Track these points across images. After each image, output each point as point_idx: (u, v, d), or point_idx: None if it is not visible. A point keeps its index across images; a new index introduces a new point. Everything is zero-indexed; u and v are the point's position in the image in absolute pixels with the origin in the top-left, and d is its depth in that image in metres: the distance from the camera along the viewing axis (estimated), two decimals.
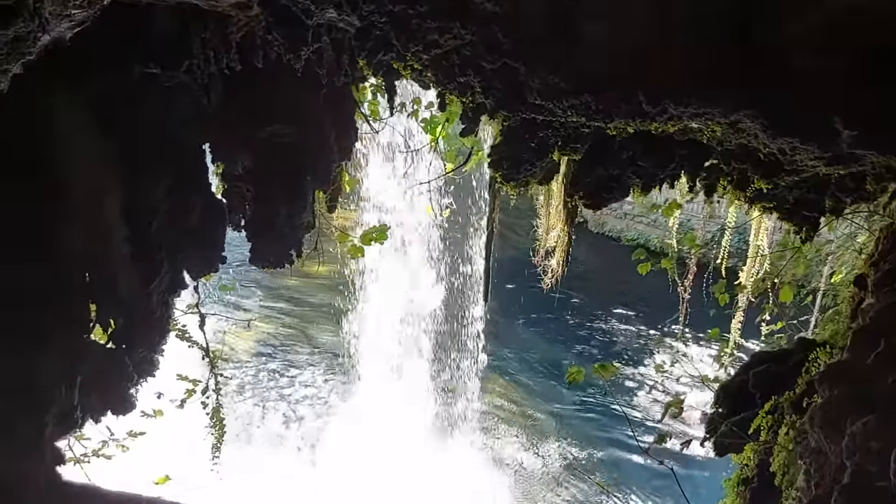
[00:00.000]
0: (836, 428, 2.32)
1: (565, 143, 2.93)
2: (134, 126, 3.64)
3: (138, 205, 3.93)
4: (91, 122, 3.43)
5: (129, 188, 3.80)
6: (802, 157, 2.47)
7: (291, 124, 4.28)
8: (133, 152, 3.71)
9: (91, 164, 3.53)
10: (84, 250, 3.71)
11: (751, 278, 6.97)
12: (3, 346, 3.42)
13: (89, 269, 3.82)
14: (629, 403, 13.37)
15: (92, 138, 3.47)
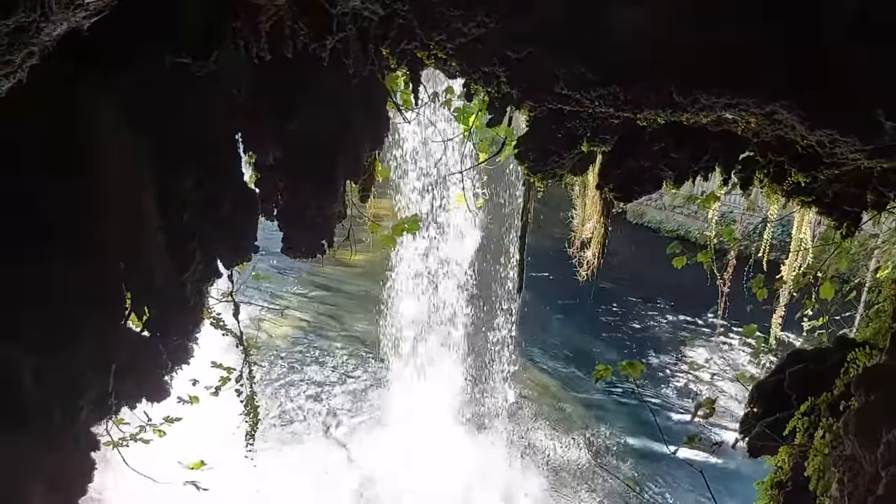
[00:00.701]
0: (871, 436, 2.22)
1: (594, 134, 2.85)
2: (165, 117, 3.66)
3: (171, 196, 3.96)
4: (122, 115, 3.46)
5: (162, 179, 3.83)
6: (842, 150, 2.36)
7: (321, 115, 4.27)
8: (165, 144, 3.74)
9: (124, 156, 3.56)
10: (118, 241, 3.75)
11: (792, 272, 6.79)
12: (40, 333, 3.48)
13: (124, 258, 3.86)
14: (662, 399, 13.20)
15: (124, 131, 3.50)
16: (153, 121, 3.65)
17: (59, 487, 3.53)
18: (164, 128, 3.73)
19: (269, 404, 11.91)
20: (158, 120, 3.69)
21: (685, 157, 2.97)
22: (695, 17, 2.09)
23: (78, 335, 3.68)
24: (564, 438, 12.01)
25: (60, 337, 3.59)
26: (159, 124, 3.70)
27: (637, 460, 11.46)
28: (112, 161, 3.55)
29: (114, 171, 3.60)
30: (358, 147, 4.59)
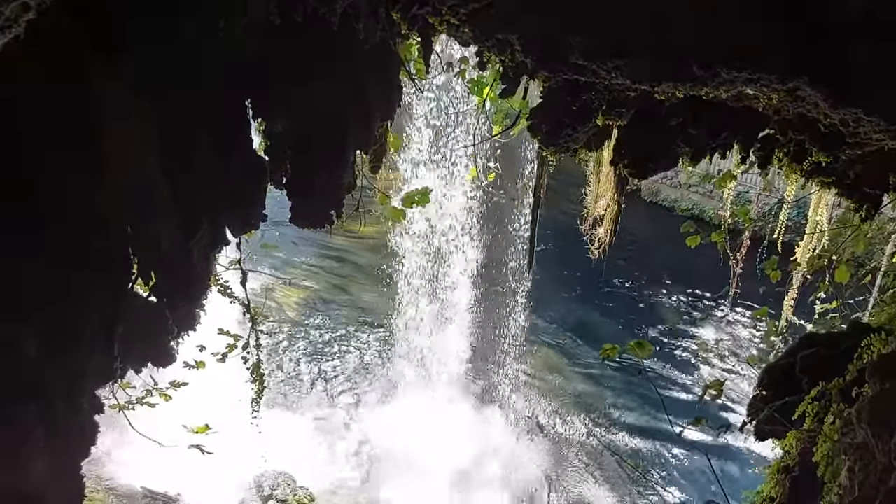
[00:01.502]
0: (885, 425, 2.17)
1: (610, 107, 2.77)
2: (172, 83, 3.60)
3: (178, 162, 3.92)
4: (129, 81, 3.40)
5: (170, 146, 3.79)
6: (866, 130, 2.28)
7: (332, 83, 4.20)
8: (172, 109, 3.68)
9: (132, 122, 3.52)
10: (126, 207, 3.72)
11: (807, 255, 6.70)
12: (43, 299, 3.47)
13: (130, 224, 3.84)
14: (670, 379, 13.18)
15: (132, 96, 3.45)
16: (160, 86, 3.59)
17: (63, 450, 3.54)
18: (171, 93, 3.68)
19: (276, 372, 11.98)
20: (165, 86, 3.64)
21: (703, 134, 2.89)
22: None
23: (83, 299, 3.67)
24: (570, 415, 12.04)
25: (64, 302, 3.58)
26: (166, 90, 3.65)
27: (642, 440, 11.48)
28: (117, 126, 3.51)
29: (119, 137, 3.56)
30: (369, 117, 4.52)
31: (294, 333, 13.40)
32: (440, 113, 8.56)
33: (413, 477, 9.93)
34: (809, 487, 2.61)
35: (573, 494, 10.14)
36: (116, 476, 8.14)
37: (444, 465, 10.20)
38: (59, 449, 3.56)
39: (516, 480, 10.31)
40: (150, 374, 5.29)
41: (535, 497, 10.03)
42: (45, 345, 3.51)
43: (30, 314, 3.37)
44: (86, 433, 3.67)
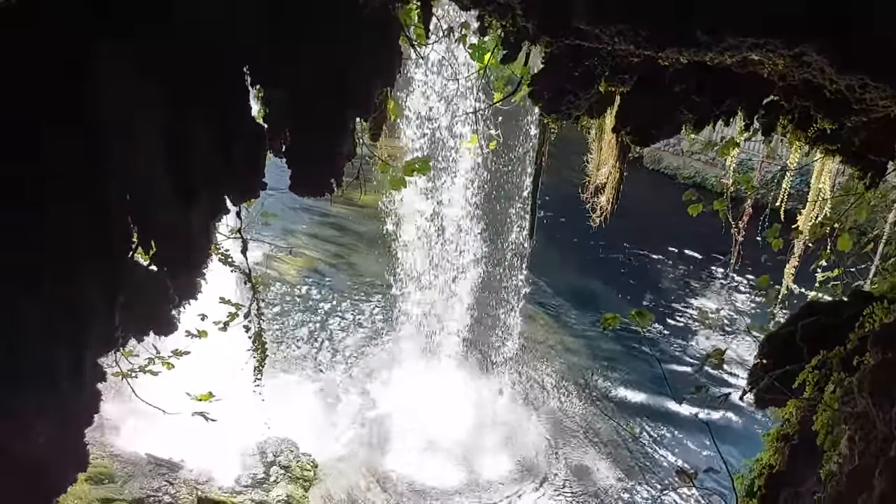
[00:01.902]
0: (886, 395, 2.16)
1: (613, 73, 2.73)
2: (169, 49, 3.56)
3: (177, 130, 3.89)
4: (129, 50, 3.36)
5: (168, 114, 3.75)
6: (873, 96, 2.24)
7: (332, 48, 4.14)
8: (170, 77, 3.64)
9: (130, 90, 3.48)
10: (125, 176, 3.70)
11: (809, 223, 6.67)
12: (45, 268, 3.47)
13: (130, 193, 3.82)
14: (671, 348, 13.25)
15: (131, 64, 3.41)
16: (158, 54, 3.54)
17: (66, 418, 3.57)
18: (168, 61, 3.63)
19: (278, 340, 12.04)
20: (162, 54, 3.59)
21: (707, 101, 2.84)
22: None
23: (84, 268, 3.67)
24: (570, 383, 12.13)
25: (66, 271, 3.57)
26: (163, 58, 3.60)
27: (642, 407, 11.58)
28: (117, 95, 3.47)
29: (119, 105, 3.52)
30: (369, 84, 4.47)
31: (295, 302, 13.44)
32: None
33: (416, 443, 10.05)
34: (809, 456, 2.62)
35: (573, 460, 10.25)
36: (121, 443, 8.23)
37: (446, 432, 10.30)
38: (62, 416, 3.58)
39: (517, 446, 10.42)
40: (152, 343, 5.31)
41: (536, 463, 10.14)
42: (46, 313, 3.52)
43: (34, 281, 3.37)
44: (88, 401, 3.69)
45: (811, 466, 2.53)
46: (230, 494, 8.08)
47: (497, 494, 9.41)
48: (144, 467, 7.95)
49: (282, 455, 8.87)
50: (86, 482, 7.19)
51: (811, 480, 2.55)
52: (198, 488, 7.94)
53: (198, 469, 8.20)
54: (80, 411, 3.69)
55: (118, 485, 7.57)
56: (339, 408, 10.76)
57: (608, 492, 9.68)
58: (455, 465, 9.86)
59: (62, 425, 3.66)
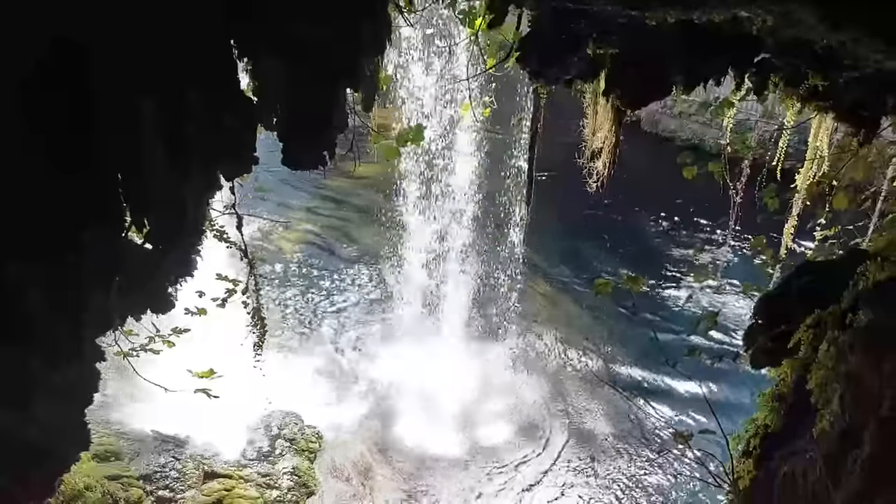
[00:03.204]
0: (877, 353, 2.16)
1: (601, 35, 2.68)
2: (158, 24, 3.50)
3: (168, 105, 3.85)
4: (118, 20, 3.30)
5: (158, 88, 3.71)
6: (863, 51, 2.21)
7: (320, 18, 4.08)
8: (160, 52, 3.59)
9: (121, 64, 3.43)
10: (117, 152, 3.67)
11: (806, 182, 6.64)
12: (40, 247, 3.46)
13: (122, 170, 3.79)
14: (667, 311, 13.29)
15: (122, 38, 3.36)
16: (146, 27, 3.49)
17: (66, 398, 3.59)
18: (156, 34, 3.58)
19: (278, 315, 12.08)
20: (150, 26, 3.54)
21: (696, 60, 2.80)
22: None
23: (78, 248, 3.66)
24: (569, 348, 12.20)
25: (61, 250, 3.56)
26: (151, 30, 3.55)
27: (640, 371, 11.68)
28: (109, 69, 3.42)
29: (111, 80, 3.48)
30: (359, 52, 4.42)
31: (294, 276, 13.46)
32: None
33: (419, 413, 10.12)
34: (803, 415, 2.63)
35: (573, 426, 10.36)
36: (126, 421, 8.29)
37: (449, 401, 10.38)
38: (62, 396, 3.60)
39: (518, 413, 10.51)
40: (151, 322, 5.32)
41: (537, 429, 10.24)
42: (45, 292, 3.52)
43: (31, 260, 3.36)
44: (88, 380, 3.71)
45: (806, 425, 2.54)
46: (236, 468, 8.17)
47: (501, 462, 9.52)
48: (150, 444, 8.02)
49: (286, 428, 8.94)
50: (92, 460, 7.26)
51: (805, 439, 2.57)
52: (204, 463, 8.02)
53: (203, 444, 8.28)
54: (80, 391, 3.71)
55: (125, 462, 7.65)
56: (342, 380, 10.83)
57: (607, 455, 9.81)
58: (459, 433, 9.96)
59: (63, 404, 3.68)
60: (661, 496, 9.12)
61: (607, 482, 9.30)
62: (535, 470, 9.43)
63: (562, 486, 9.20)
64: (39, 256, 3.45)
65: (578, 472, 9.46)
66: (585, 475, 9.39)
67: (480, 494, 8.95)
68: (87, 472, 7.03)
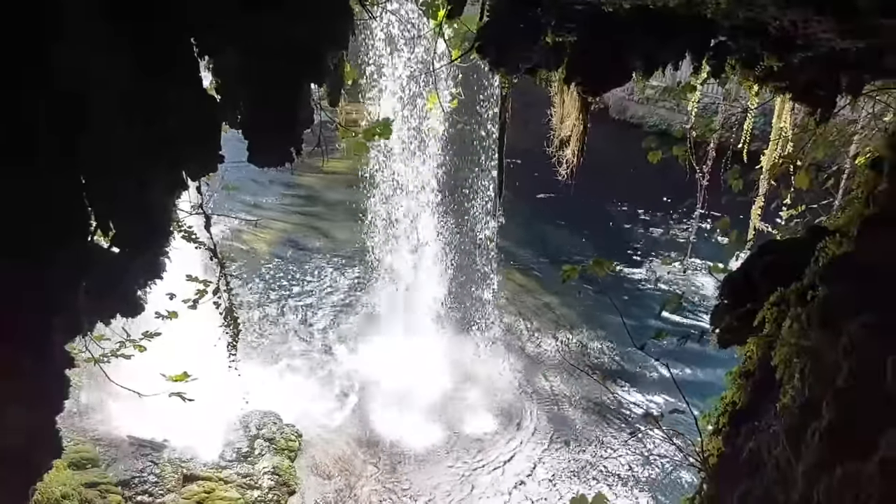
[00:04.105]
0: (833, 327, 2.21)
1: (559, 23, 2.70)
2: (114, 21, 3.45)
3: (130, 104, 3.80)
4: None
5: (119, 88, 3.66)
6: (815, 30, 2.25)
7: (281, 12, 4.05)
8: (121, 51, 3.54)
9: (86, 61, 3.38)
10: (82, 154, 3.62)
11: (771, 162, 6.74)
12: (9, 255, 3.40)
13: (86, 173, 3.74)
14: (635, 294, 13.44)
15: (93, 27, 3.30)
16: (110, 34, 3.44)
17: (35, 406, 3.54)
18: (121, 36, 3.53)
19: (251, 314, 12.01)
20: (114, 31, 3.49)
21: (654, 45, 2.83)
22: None
23: (43, 255, 3.61)
24: (542, 335, 12.31)
25: (25, 257, 3.51)
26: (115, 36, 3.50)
27: (611, 356, 11.82)
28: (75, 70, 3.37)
29: (70, 76, 3.42)
30: (323, 47, 4.39)
31: (267, 274, 13.38)
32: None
33: (399, 407, 10.13)
34: (769, 391, 2.68)
35: (548, 412, 10.45)
36: (101, 427, 8.21)
37: (428, 394, 10.40)
38: (32, 403, 3.55)
39: (496, 401, 10.58)
40: (122, 327, 5.26)
41: (515, 416, 10.32)
42: (8, 299, 3.46)
43: None
44: (56, 387, 3.66)
45: (771, 401, 2.59)
46: (216, 470, 8.13)
47: (481, 451, 9.58)
48: (127, 449, 7.95)
49: (265, 428, 8.91)
50: (69, 468, 7.19)
51: (770, 415, 2.62)
52: (182, 466, 7.97)
53: (181, 447, 8.22)
54: (50, 398, 3.66)
55: (102, 468, 7.58)
56: (320, 377, 10.80)
57: (581, 438, 9.92)
58: (439, 425, 9.99)
59: (33, 412, 3.63)
60: (634, 477, 9.25)
61: (581, 465, 9.43)
62: (513, 457, 9.51)
63: (537, 470, 9.30)
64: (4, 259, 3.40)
65: (553, 456, 9.57)
66: (560, 460, 9.50)
67: (462, 483, 9.00)
68: (63, 480, 6.95)
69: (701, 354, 10.20)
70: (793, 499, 2.23)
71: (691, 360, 10.71)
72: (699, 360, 10.70)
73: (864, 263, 2.34)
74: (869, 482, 1.93)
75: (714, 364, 10.13)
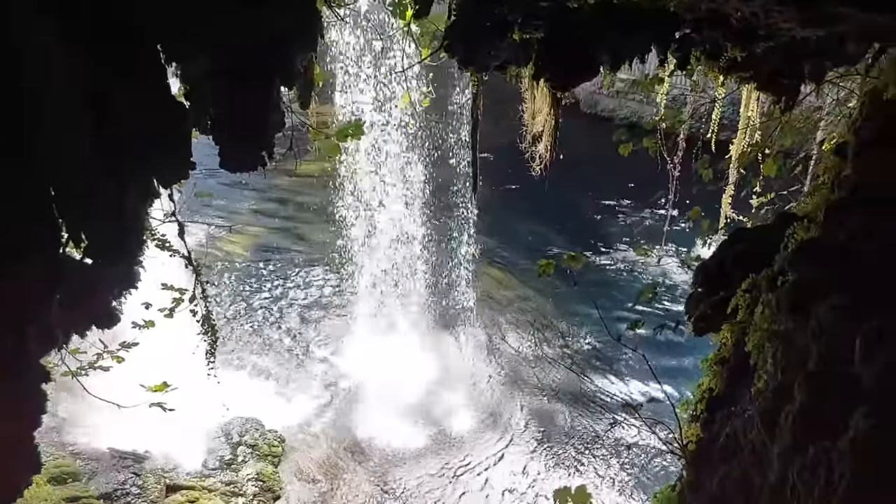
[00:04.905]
0: (803, 311, 2.26)
1: (525, 20, 2.72)
2: (85, 27, 3.42)
3: (102, 113, 3.76)
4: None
5: (90, 101, 3.62)
6: (776, 20, 2.29)
7: (249, 16, 4.03)
8: (89, 62, 3.51)
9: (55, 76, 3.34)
10: (52, 163, 3.57)
11: (740, 151, 6.82)
12: None
13: (56, 182, 3.70)
14: (612, 288, 13.55)
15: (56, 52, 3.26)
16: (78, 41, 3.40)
17: (12, 420, 3.50)
18: (88, 46, 3.50)
19: (230, 320, 11.92)
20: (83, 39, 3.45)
21: (621, 40, 2.86)
22: None
23: (15, 269, 3.56)
24: (521, 331, 12.36)
25: None
26: (84, 44, 3.46)
27: (589, 348, 11.92)
28: (42, 80, 3.33)
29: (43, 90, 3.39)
30: (291, 49, 4.37)
31: (244, 279, 13.29)
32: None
33: (380, 408, 10.12)
34: (744, 376, 2.73)
35: (530, 406, 10.51)
36: (82, 440, 8.11)
37: (410, 394, 10.40)
38: (8, 419, 3.51)
39: (478, 399, 10.61)
40: (99, 338, 5.20)
41: (497, 412, 10.35)
42: None
43: None
44: (33, 402, 3.62)
45: (746, 387, 2.64)
46: (199, 478, 8.07)
47: (464, 449, 9.60)
48: (108, 462, 7.86)
49: (247, 434, 8.86)
50: (49, 483, 7.09)
51: (745, 399, 2.67)
52: (165, 476, 7.91)
53: (163, 458, 8.15)
54: (26, 413, 3.61)
55: (83, 482, 7.49)
56: (301, 381, 10.75)
57: (563, 431, 10.00)
58: (422, 425, 10.00)
59: (10, 426, 3.59)
60: (615, 467, 9.34)
61: (562, 457, 9.50)
62: (496, 453, 9.55)
63: (520, 465, 9.35)
64: None
65: (535, 450, 9.63)
66: (542, 453, 9.56)
67: (446, 480, 9.01)
68: (44, 496, 6.87)
69: (678, 343, 10.32)
70: (769, 480, 2.27)
71: (669, 349, 10.82)
72: (677, 349, 10.81)
73: (831, 247, 2.39)
74: (840, 461, 1.98)
75: (692, 352, 10.26)
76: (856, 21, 2.28)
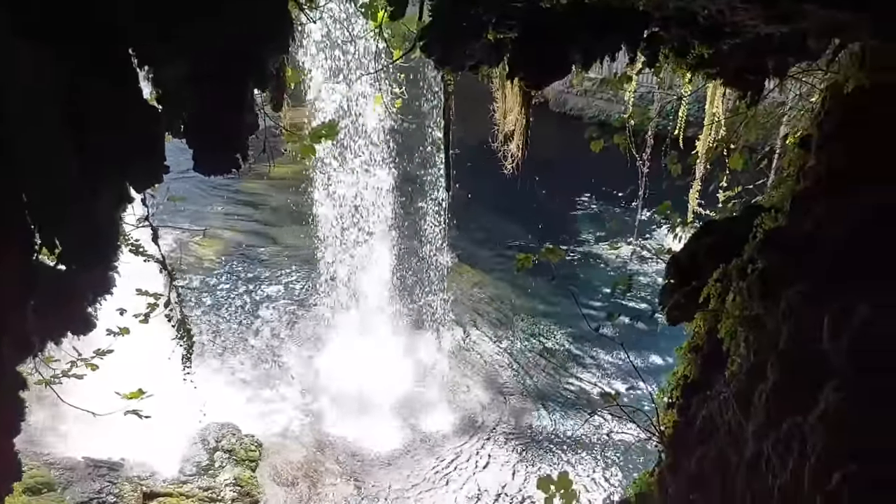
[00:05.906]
0: (772, 296, 2.35)
1: (499, 20, 2.78)
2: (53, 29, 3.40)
3: (73, 117, 3.74)
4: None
5: (62, 105, 3.60)
6: (742, 17, 2.38)
7: (220, 18, 4.03)
8: (62, 67, 3.49)
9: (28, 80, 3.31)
10: (24, 169, 3.55)
11: (707, 146, 6.98)
12: None
13: (27, 189, 3.67)
14: (588, 281, 13.70)
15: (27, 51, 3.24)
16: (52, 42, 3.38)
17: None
18: (61, 51, 3.48)
19: (205, 324, 11.83)
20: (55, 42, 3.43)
21: (590, 38, 2.93)
22: None
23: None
24: (498, 328, 12.43)
25: None
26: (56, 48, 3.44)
27: (567, 341, 12.03)
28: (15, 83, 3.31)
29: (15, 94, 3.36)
30: (262, 52, 4.38)
31: (218, 283, 13.21)
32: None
33: (357, 409, 10.12)
34: (717, 362, 2.83)
35: (507, 401, 10.58)
36: (56, 450, 8.01)
37: (386, 394, 10.42)
38: None
39: (454, 397, 10.66)
40: (73, 346, 5.15)
41: (473, 410, 10.42)
42: None
43: None
44: (11, 409, 3.59)
45: (721, 372, 2.73)
46: (176, 485, 8.01)
47: (444, 447, 9.65)
48: (83, 471, 7.77)
49: (224, 439, 8.82)
50: (23, 493, 6.99)
51: (720, 383, 2.76)
52: (142, 484, 7.83)
53: (139, 465, 8.08)
54: (5, 421, 3.58)
55: (58, 492, 7.39)
56: (277, 384, 10.72)
57: (541, 425, 10.09)
58: (399, 426, 10.02)
59: None
60: (596, 455, 9.46)
61: (544, 447, 9.60)
62: (476, 450, 9.61)
63: (500, 461, 9.43)
64: None
65: (516, 443, 9.71)
66: (521, 449, 9.65)
67: (424, 483, 9.05)
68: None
69: (653, 333, 10.48)
70: (745, 457, 2.36)
71: (645, 340, 10.97)
72: (652, 340, 10.97)
73: (797, 235, 2.49)
74: (812, 433, 2.07)
75: (667, 342, 10.41)
76: (817, 17, 2.37)
